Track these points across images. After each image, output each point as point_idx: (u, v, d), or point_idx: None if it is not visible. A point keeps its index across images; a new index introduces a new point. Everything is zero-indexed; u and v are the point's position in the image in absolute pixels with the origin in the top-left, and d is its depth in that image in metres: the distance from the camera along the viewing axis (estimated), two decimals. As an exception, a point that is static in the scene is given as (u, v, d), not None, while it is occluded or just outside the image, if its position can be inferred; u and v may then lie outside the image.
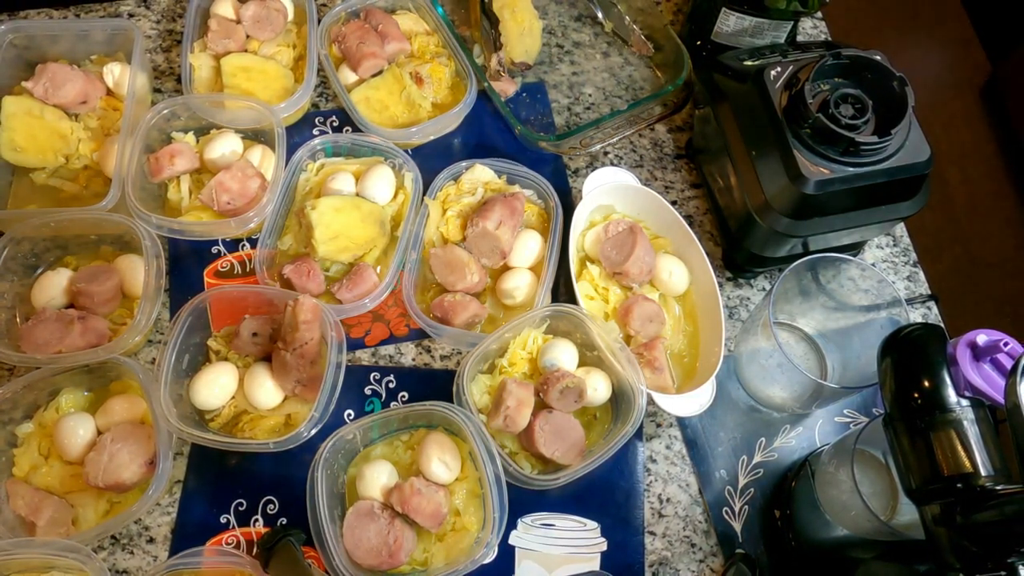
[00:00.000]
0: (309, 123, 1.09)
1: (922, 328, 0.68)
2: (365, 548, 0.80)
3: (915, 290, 1.04)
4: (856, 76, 0.88)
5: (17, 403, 0.86)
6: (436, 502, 0.82)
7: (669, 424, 0.94)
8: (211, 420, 0.89)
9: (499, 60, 1.08)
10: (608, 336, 0.88)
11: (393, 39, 1.08)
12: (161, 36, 1.14)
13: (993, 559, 0.60)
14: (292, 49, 1.09)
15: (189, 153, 0.98)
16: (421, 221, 0.98)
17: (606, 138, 1.06)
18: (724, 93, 0.94)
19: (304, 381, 0.87)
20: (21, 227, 0.92)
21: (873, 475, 0.81)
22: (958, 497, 0.62)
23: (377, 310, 0.97)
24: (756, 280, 1.03)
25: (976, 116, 2.31)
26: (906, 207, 0.90)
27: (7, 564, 0.78)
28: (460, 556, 0.81)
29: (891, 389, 0.67)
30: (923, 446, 0.64)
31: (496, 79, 1.09)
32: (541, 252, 0.97)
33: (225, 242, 1.01)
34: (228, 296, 0.93)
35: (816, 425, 0.95)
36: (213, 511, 0.87)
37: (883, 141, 0.84)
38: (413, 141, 1.05)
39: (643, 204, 1.00)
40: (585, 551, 0.87)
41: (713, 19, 1.05)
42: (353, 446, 0.87)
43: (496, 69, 1.08)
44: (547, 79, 1.15)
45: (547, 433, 0.85)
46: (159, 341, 0.95)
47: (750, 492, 0.91)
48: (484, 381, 0.90)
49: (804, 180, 0.84)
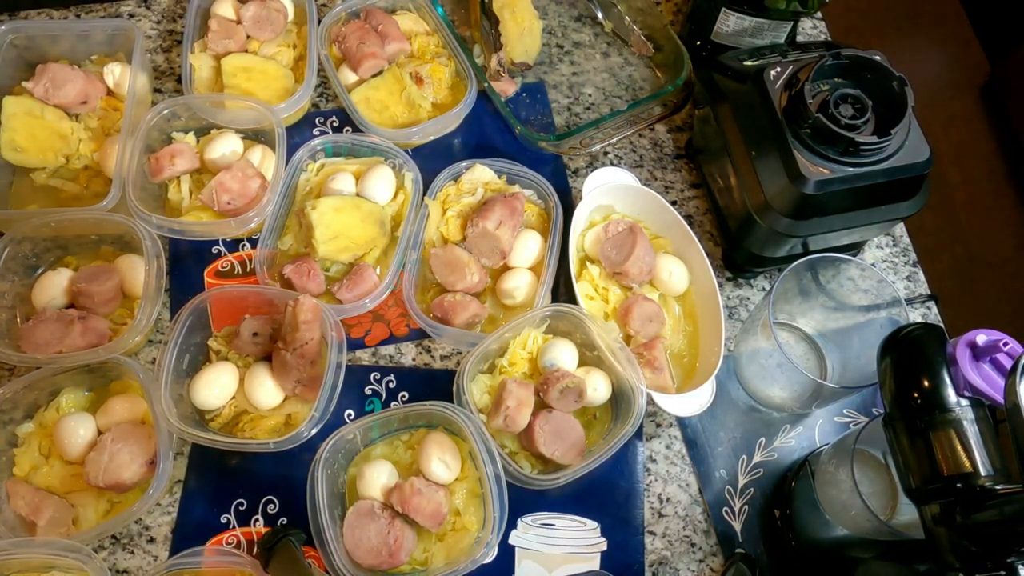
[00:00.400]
0: (309, 123, 1.09)
1: (922, 328, 0.68)
2: (365, 548, 0.80)
3: (915, 290, 1.04)
4: (856, 76, 0.88)
5: (18, 403, 0.86)
6: (436, 502, 0.82)
7: (669, 424, 0.94)
8: (211, 420, 0.89)
9: (499, 60, 1.08)
10: (608, 336, 0.89)
11: (393, 39, 1.08)
12: (161, 36, 1.14)
13: (993, 559, 0.60)
14: (292, 49, 1.10)
15: (189, 153, 0.99)
16: (421, 221, 0.98)
17: (606, 138, 1.06)
18: (724, 93, 0.94)
19: (304, 381, 0.87)
20: (22, 227, 0.92)
21: (873, 475, 0.81)
22: (958, 497, 0.62)
23: (377, 310, 0.97)
24: (756, 280, 1.03)
25: (975, 116, 2.31)
26: (906, 207, 0.90)
27: (8, 564, 0.78)
28: (460, 556, 0.82)
29: (891, 389, 0.68)
30: (923, 446, 0.64)
31: (496, 79, 1.09)
32: (541, 252, 0.97)
33: (225, 242, 1.01)
34: (228, 296, 0.93)
35: (816, 425, 0.95)
36: (213, 511, 0.87)
37: (883, 141, 0.84)
38: (413, 141, 1.06)
39: (643, 204, 1.00)
40: (585, 551, 0.87)
41: (713, 19, 1.05)
42: (353, 446, 0.87)
43: (496, 69, 1.08)
44: (547, 79, 1.15)
45: (547, 433, 0.85)
46: (159, 341, 0.95)
47: (750, 492, 0.91)
48: (484, 381, 0.90)
49: (804, 180, 0.84)
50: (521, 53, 1.10)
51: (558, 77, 1.15)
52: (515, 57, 1.10)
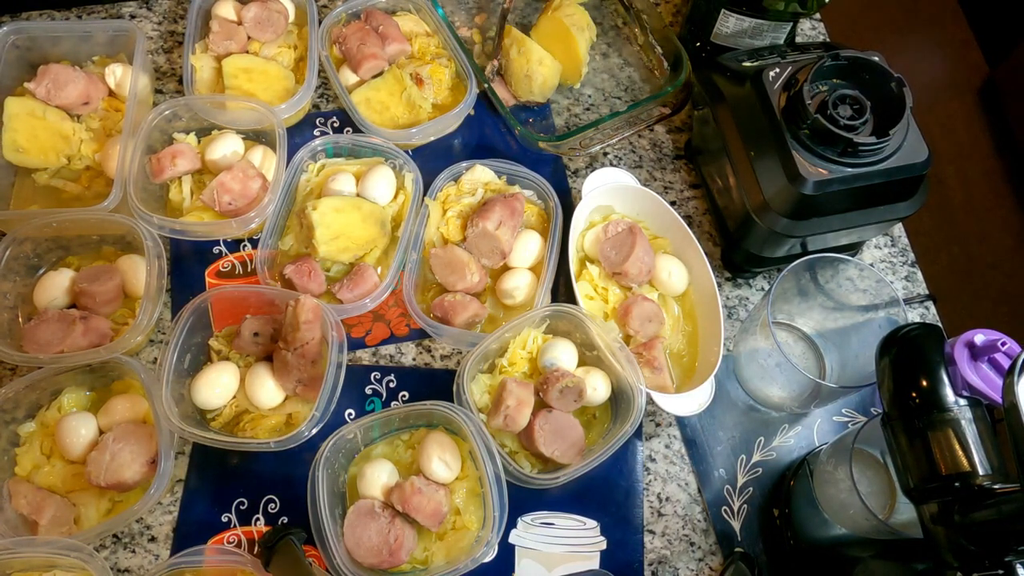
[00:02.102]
0: (310, 124, 1.09)
1: (920, 328, 0.69)
2: (366, 547, 0.81)
3: (913, 290, 1.04)
4: (854, 77, 0.88)
5: (19, 402, 0.86)
6: (436, 501, 0.82)
7: (668, 423, 0.95)
8: (212, 419, 0.89)
9: (493, 68, 1.08)
10: (607, 336, 0.89)
11: (394, 40, 1.08)
12: (163, 37, 1.14)
13: (991, 557, 0.60)
14: (293, 50, 1.10)
15: (191, 154, 0.99)
16: (421, 221, 0.98)
17: (606, 139, 1.06)
18: (723, 94, 0.94)
19: (305, 381, 0.88)
20: (23, 227, 0.92)
21: (871, 474, 0.82)
22: (956, 496, 0.62)
23: (378, 310, 0.98)
24: (755, 280, 1.04)
25: (974, 117, 2.32)
26: (904, 207, 0.91)
27: (9, 563, 0.79)
28: (460, 555, 0.82)
29: (889, 388, 0.68)
30: (921, 445, 0.64)
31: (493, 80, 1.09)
32: (541, 252, 0.98)
33: (226, 242, 1.01)
34: (229, 296, 0.93)
35: (814, 424, 0.95)
36: (214, 510, 0.87)
37: (881, 142, 0.84)
38: (413, 142, 1.06)
39: (642, 205, 1.00)
40: (585, 550, 0.88)
41: (712, 20, 1.06)
42: (354, 445, 0.88)
43: (489, 75, 1.08)
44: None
45: (547, 432, 0.86)
46: (161, 341, 0.96)
47: (749, 491, 0.91)
48: (484, 380, 0.91)
49: (802, 180, 0.85)
50: (525, 92, 1.09)
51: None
52: (520, 95, 1.09)
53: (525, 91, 1.09)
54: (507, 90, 1.10)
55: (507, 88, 1.10)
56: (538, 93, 1.09)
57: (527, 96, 1.10)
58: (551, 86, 1.10)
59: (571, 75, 1.12)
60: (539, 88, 1.08)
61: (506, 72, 1.09)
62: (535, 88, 1.08)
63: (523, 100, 1.10)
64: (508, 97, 1.10)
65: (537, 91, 1.09)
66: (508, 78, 1.09)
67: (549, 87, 1.10)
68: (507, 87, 1.09)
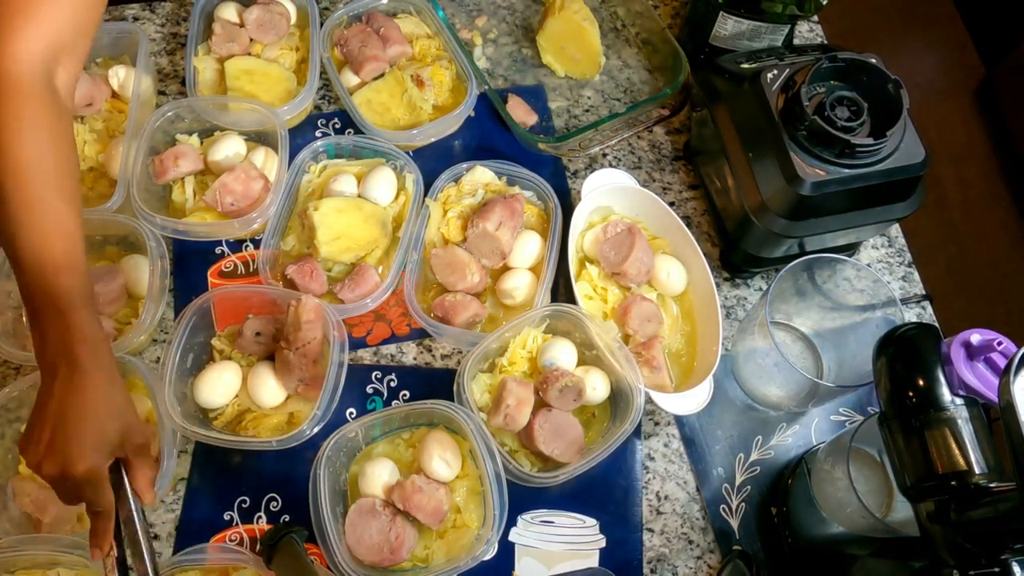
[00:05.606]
0: (311, 125, 1.10)
1: (917, 328, 0.69)
2: (367, 545, 0.81)
3: (910, 290, 1.05)
4: (852, 79, 0.88)
5: (23, 401, 0.87)
6: (437, 499, 0.83)
7: (667, 422, 0.95)
8: (215, 418, 0.90)
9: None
10: (607, 335, 0.89)
11: (395, 42, 1.08)
12: (166, 39, 1.15)
13: (987, 555, 0.60)
14: (295, 52, 1.10)
15: (193, 155, 0.99)
16: (422, 222, 0.99)
17: (605, 140, 1.07)
18: (721, 95, 0.95)
19: (307, 380, 0.88)
20: (26, 228, 0.92)
21: (868, 473, 0.82)
22: (952, 494, 0.63)
23: (379, 310, 0.98)
24: (753, 280, 1.04)
25: (970, 118, 2.32)
26: (901, 208, 0.91)
27: (13, 560, 0.79)
28: (461, 553, 0.82)
29: (886, 388, 0.68)
30: (918, 444, 0.65)
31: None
32: (541, 253, 0.98)
33: (229, 243, 1.01)
34: (232, 296, 0.94)
35: (812, 423, 0.96)
36: (217, 508, 0.88)
37: (878, 143, 0.85)
38: (414, 143, 1.06)
39: (641, 205, 1.01)
40: (584, 548, 0.88)
41: (711, 22, 1.06)
42: (355, 444, 0.88)
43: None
44: (546, 82, 1.16)
45: (546, 431, 0.86)
46: (163, 340, 0.96)
47: (747, 490, 0.92)
48: (484, 380, 0.91)
49: (800, 181, 0.85)
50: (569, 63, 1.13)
51: (557, 80, 1.16)
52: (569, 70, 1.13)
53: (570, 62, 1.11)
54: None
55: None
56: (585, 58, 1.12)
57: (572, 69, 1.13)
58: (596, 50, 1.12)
59: (589, 68, 1.14)
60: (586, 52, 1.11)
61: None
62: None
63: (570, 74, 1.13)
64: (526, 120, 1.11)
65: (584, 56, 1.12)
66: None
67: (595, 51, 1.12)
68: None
